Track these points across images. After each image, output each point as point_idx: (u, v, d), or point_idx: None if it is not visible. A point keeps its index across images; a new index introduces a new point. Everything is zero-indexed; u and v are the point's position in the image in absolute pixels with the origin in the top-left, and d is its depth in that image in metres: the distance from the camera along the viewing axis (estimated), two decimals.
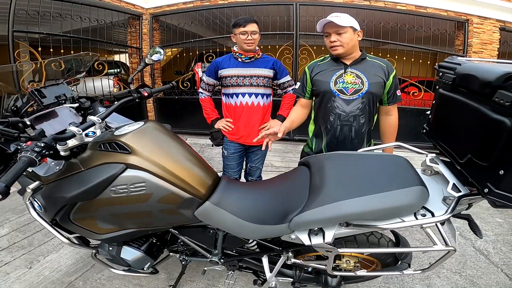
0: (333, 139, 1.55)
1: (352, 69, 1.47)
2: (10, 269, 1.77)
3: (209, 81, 1.98)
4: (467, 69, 0.81)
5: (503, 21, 4.79)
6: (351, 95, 1.46)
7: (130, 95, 1.21)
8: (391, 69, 1.49)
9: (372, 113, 1.52)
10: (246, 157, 2.12)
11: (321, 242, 0.91)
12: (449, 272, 1.80)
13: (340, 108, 1.48)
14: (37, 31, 3.89)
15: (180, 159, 1.05)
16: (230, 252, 1.29)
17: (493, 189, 0.69)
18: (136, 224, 1.06)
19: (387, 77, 1.47)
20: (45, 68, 1.65)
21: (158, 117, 5.57)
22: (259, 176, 2.14)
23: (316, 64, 1.59)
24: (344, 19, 1.38)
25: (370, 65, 1.49)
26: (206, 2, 4.99)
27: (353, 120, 1.48)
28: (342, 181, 0.95)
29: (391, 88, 1.49)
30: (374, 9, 4.62)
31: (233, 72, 1.88)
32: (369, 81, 1.45)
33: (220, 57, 1.97)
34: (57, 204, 1.03)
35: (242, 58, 1.87)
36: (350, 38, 1.42)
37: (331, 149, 1.55)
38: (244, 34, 1.78)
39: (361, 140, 1.52)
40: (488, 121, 0.68)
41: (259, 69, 1.88)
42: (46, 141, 0.87)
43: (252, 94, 1.89)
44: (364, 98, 1.46)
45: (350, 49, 1.45)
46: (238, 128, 1.95)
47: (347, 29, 1.40)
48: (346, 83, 1.47)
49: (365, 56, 1.50)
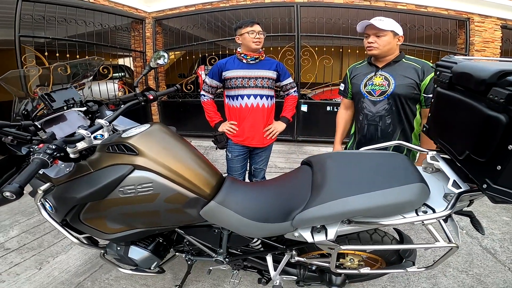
0: (361, 138, 1.64)
1: (382, 72, 1.53)
2: (20, 270, 1.81)
3: (212, 83, 1.97)
4: (463, 67, 0.83)
5: (504, 19, 4.77)
6: (378, 96, 1.53)
7: (136, 99, 1.24)
8: (429, 70, 1.46)
9: (404, 114, 1.52)
10: (250, 158, 2.13)
11: (324, 239, 0.93)
12: (456, 271, 1.80)
13: (368, 109, 1.57)
14: (43, 36, 3.96)
15: (186, 160, 1.07)
16: (235, 251, 1.31)
17: (491, 184, 0.70)
18: (143, 223, 1.09)
19: (421, 78, 1.45)
20: (52, 73, 1.69)
21: (163, 120, 5.62)
22: (263, 177, 2.15)
23: (354, 67, 1.70)
24: (386, 23, 1.44)
25: (403, 67, 1.50)
26: (208, 5, 5.04)
27: (379, 120, 1.55)
28: (343, 179, 0.97)
29: (429, 89, 1.45)
30: (375, 9, 4.62)
31: (238, 74, 1.87)
32: (395, 83, 1.48)
33: (224, 59, 1.96)
34: (68, 204, 1.06)
35: (247, 59, 1.87)
36: (388, 42, 1.47)
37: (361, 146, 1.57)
38: (253, 33, 1.80)
39: (388, 139, 1.53)
40: (484, 117, 0.69)
41: (264, 70, 1.89)
42: (57, 143, 0.90)
43: (257, 95, 1.90)
44: (390, 99, 1.51)
45: (386, 51, 1.50)
46: (243, 130, 1.94)
47: (387, 32, 1.45)
48: (374, 85, 1.54)
49: (400, 59, 1.52)
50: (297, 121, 4.89)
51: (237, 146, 2.00)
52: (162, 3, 5.22)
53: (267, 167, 2.17)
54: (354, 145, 1.73)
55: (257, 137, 1.96)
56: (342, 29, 4.69)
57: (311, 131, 4.93)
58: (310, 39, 4.87)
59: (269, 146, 2.08)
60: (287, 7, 4.76)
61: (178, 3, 5.14)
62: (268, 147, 2.08)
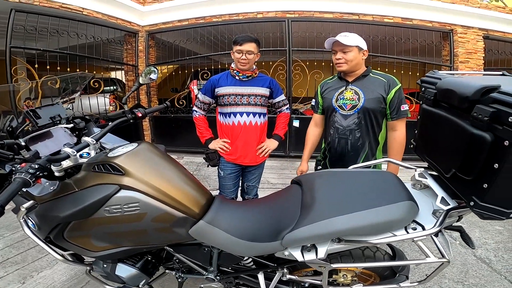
0: (332, 151, 1.67)
1: (352, 86, 1.57)
2: (3, 284, 1.75)
3: (205, 100, 1.93)
4: (447, 84, 0.83)
5: (486, 29, 4.94)
6: (349, 111, 1.56)
7: (125, 116, 1.23)
8: (394, 84, 1.52)
9: (372, 128, 1.57)
10: (242, 176, 2.08)
11: (314, 258, 0.91)
12: (452, 282, 1.79)
13: (339, 123, 1.60)
14: (34, 47, 3.95)
15: (173, 179, 1.06)
16: (226, 269, 1.28)
17: (478, 202, 0.70)
18: (130, 242, 1.06)
19: (387, 92, 1.51)
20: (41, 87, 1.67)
21: (154, 135, 5.57)
22: (256, 194, 2.11)
23: (325, 82, 1.74)
24: (350, 39, 1.48)
25: (371, 81, 1.55)
26: (201, 20, 5.12)
27: (349, 134, 1.57)
28: (332, 198, 0.97)
29: (393, 103, 1.51)
30: (363, 23, 4.76)
31: (231, 91, 1.84)
32: (365, 97, 1.52)
33: (217, 75, 1.92)
34: (50, 223, 1.03)
35: (239, 76, 1.84)
36: (354, 57, 1.51)
37: (331, 160, 1.69)
38: (240, 53, 1.76)
39: (357, 153, 1.59)
40: (469, 136, 0.70)
41: (257, 87, 1.87)
42: (40, 162, 0.88)
43: (250, 113, 1.87)
44: (360, 114, 1.54)
45: (354, 66, 1.54)
46: (236, 148, 1.90)
47: (352, 48, 1.49)
48: (345, 99, 1.57)
49: (367, 73, 1.57)
50: (289, 136, 4.89)
51: (229, 164, 1.96)
52: (156, 16, 5.28)
53: (259, 184, 2.14)
54: (327, 162, 1.73)
55: (249, 156, 1.93)
56: None
57: (304, 147, 4.92)
58: (301, 54, 4.96)
59: (262, 164, 2.06)
60: (279, 22, 4.87)
61: (171, 17, 5.20)
62: (261, 165, 2.06)
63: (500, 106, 0.63)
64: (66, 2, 4.17)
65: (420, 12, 4.79)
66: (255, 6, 4.88)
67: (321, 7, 4.76)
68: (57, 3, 4.09)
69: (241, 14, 4.95)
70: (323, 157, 1.78)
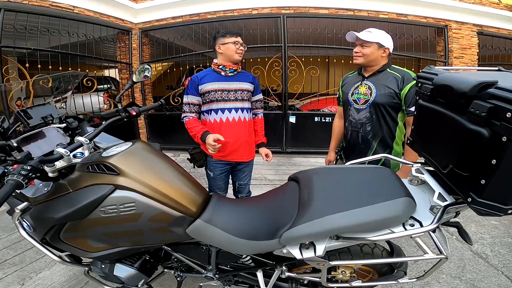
0: (346, 143, 1.77)
1: (367, 81, 1.62)
2: (2, 286, 1.74)
3: (194, 100, 1.80)
4: (444, 79, 0.82)
5: (480, 25, 4.97)
6: (362, 105, 1.62)
7: (118, 115, 1.21)
8: (409, 79, 1.51)
9: (385, 123, 1.58)
10: (233, 175, 2.02)
11: (313, 256, 0.91)
12: (449, 277, 1.80)
13: (352, 116, 1.67)
14: (24, 47, 3.88)
15: (169, 178, 1.05)
16: (225, 267, 1.28)
17: (476, 198, 0.70)
18: (128, 242, 1.06)
19: (401, 87, 1.51)
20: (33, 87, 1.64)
21: (150, 133, 5.53)
22: (249, 191, 2.07)
23: (346, 77, 1.82)
24: (372, 35, 1.52)
25: (386, 76, 1.57)
26: (195, 16, 5.07)
27: (360, 127, 1.64)
28: (330, 195, 0.96)
29: (408, 98, 1.50)
30: (358, 18, 4.76)
31: (218, 86, 1.78)
32: (377, 92, 1.56)
33: (197, 74, 1.83)
34: (45, 224, 1.02)
35: (226, 72, 1.80)
36: (371, 52, 1.54)
37: (345, 151, 1.80)
38: (237, 44, 1.74)
39: (368, 146, 1.64)
40: (466, 132, 0.69)
41: (243, 82, 1.84)
42: (33, 164, 0.87)
43: (238, 109, 1.83)
44: (371, 108, 1.59)
45: (370, 61, 1.58)
46: (225, 145, 1.80)
47: (371, 44, 1.53)
48: (359, 94, 1.64)
49: (384, 68, 1.59)
50: (285, 132, 4.90)
51: (218, 163, 1.88)
52: (149, 14, 5.21)
53: (251, 180, 2.10)
54: (342, 153, 1.83)
55: (240, 151, 1.88)
56: (328, 39, 4.79)
57: (300, 143, 4.96)
58: (296, 50, 4.94)
59: (252, 161, 2.02)
60: (274, 18, 4.84)
61: (165, 15, 5.14)
62: (251, 162, 2.01)
63: (497, 102, 0.63)
64: (57, 1, 4.09)
65: (415, 8, 4.80)
66: (250, 2, 4.85)
67: (316, 2, 4.75)
68: (47, 1, 4.01)
69: (236, 11, 4.92)
70: (341, 148, 1.87)
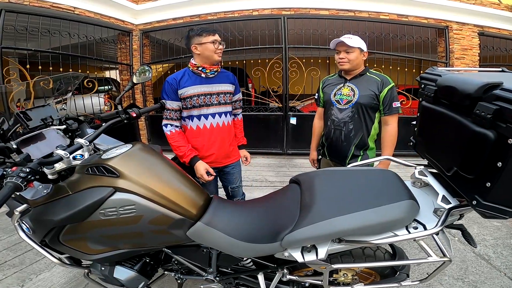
0: (329, 140, 1.86)
1: (349, 83, 1.75)
2: (1, 287, 1.74)
3: (174, 106, 1.63)
4: (448, 80, 0.81)
5: (481, 26, 4.96)
6: (344, 105, 1.75)
7: (118, 116, 1.20)
8: (387, 83, 1.69)
9: (364, 122, 1.74)
10: (223, 180, 1.92)
11: (315, 259, 0.90)
12: (451, 279, 1.79)
13: (335, 115, 1.79)
14: (25, 48, 3.88)
15: (169, 180, 1.04)
16: (225, 269, 1.27)
17: (481, 201, 0.69)
18: (128, 244, 1.05)
19: (380, 90, 1.68)
20: (34, 88, 1.64)
21: (150, 135, 5.52)
22: (243, 194, 2.00)
23: (326, 79, 1.94)
24: (354, 41, 1.65)
25: (366, 80, 1.73)
26: (196, 18, 5.07)
27: (343, 125, 1.76)
28: (332, 198, 0.95)
29: (386, 100, 1.68)
30: (359, 19, 4.75)
31: (199, 90, 1.63)
32: (360, 94, 1.70)
33: (173, 75, 1.67)
34: (45, 227, 1.01)
35: (207, 73, 1.65)
36: (356, 57, 1.68)
37: (328, 149, 1.89)
38: (216, 43, 1.59)
39: (349, 143, 1.77)
40: (471, 134, 0.68)
41: (224, 84, 1.72)
42: (32, 166, 0.86)
43: (222, 113, 1.71)
44: (353, 108, 1.72)
45: (354, 66, 1.71)
46: (211, 152, 1.73)
47: (355, 49, 1.66)
48: (342, 95, 1.76)
49: (364, 72, 1.75)
50: (286, 134, 4.88)
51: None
52: (150, 15, 5.22)
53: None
54: (325, 150, 1.92)
55: (224, 155, 1.80)
56: (329, 40, 4.74)
57: (301, 144, 4.92)
58: (297, 51, 4.94)
59: (239, 161, 1.95)
60: (275, 19, 4.84)
61: (165, 16, 5.15)
62: (238, 162, 1.94)
63: (503, 104, 0.61)
64: (57, 2, 4.10)
65: (416, 8, 4.80)
66: (251, 3, 4.85)
67: (316, 4, 4.74)
68: (48, 2, 4.02)
69: (237, 12, 4.91)
70: (322, 146, 1.97)
